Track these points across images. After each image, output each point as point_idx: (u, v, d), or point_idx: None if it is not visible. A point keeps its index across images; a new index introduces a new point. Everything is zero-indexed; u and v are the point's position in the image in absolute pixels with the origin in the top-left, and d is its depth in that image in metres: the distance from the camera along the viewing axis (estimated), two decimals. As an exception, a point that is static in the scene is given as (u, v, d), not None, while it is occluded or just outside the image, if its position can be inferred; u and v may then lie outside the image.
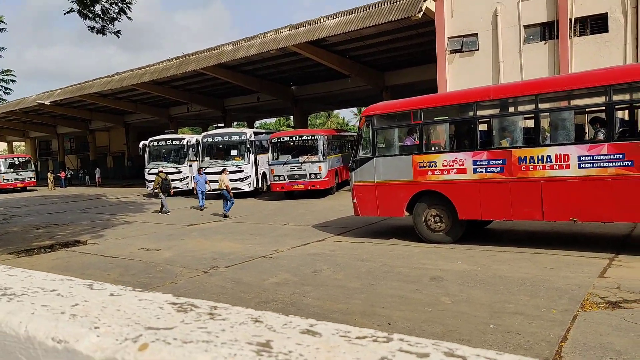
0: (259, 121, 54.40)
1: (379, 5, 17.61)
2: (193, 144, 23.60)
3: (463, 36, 15.00)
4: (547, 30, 13.88)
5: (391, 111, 9.55)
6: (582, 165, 7.18)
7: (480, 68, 14.68)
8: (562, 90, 7.65)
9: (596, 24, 13.15)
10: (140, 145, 24.52)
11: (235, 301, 6.20)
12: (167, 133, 26.58)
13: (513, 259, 7.46)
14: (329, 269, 7.66)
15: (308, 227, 12.10)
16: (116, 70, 36.69)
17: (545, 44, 13.82)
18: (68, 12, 13.24)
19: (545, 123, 7.82)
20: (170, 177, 23.39)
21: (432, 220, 9.00)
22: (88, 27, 13.65)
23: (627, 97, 7.64)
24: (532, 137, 7.82)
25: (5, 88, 10.29)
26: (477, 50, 14.81)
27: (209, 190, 17.54)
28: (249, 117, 44.29)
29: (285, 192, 19.54)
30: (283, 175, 18.92)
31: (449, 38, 15.26)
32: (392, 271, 7.26)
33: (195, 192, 17.39)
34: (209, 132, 22.59)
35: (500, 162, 7.99)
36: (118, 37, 14.41)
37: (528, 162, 7.68)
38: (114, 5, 13.74)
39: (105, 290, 1.01)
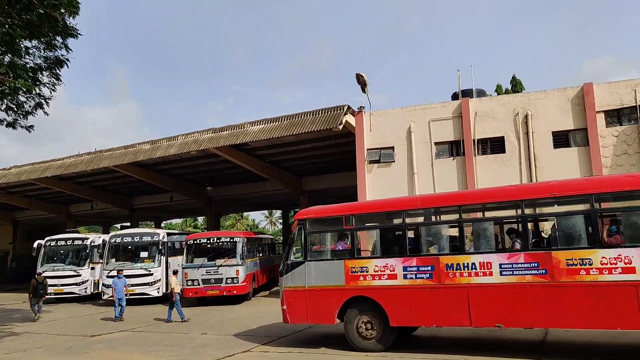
0: (165, 221, 52.51)
1: (303, 116, 18.79)
2: (98, 245, 21.91)
3: (381, 148, 16.34)
4: (454, 148, 15.65)
5: (324, 216, 9.80)
6: (503, 273, 7.77)
7: (397, 178, 15.88)
8: (482, 203, 8.48)
9: (495, 145, 15.15)
10: (35, 244, 22.18)
11: None
12: (68, 232, 24.55)
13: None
14: (261, 383, 7.16)
15: (229, 336, 11.38)
16: (7, 160, 34.13)
17: (453, 159, 15.48)
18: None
19: (468, 232, 8.48)
20: (67, 280, 21.33)
21: (364, 327, 8.93)
22: None
23: (536, 211, 8.63)
24: (457, 245, 8.39)
25: None
26: (394, 162, 16.12)
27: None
28: (157, 217, 42.64)
29: (197, 298, 18.45)
30: (197, 280, 17.98)
31: (368, 149, 16.51)
32: (329, 383, 6.96)
33: (112, 297, 15.32)
34: (117, 232, 21.28)
35: (429, 268, 8.37)
36: (29, 132, 13.69)
37: (455, 268, 8.14)
38: (30, 100, 13.24)
39: None
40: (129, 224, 33.59)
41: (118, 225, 37.94)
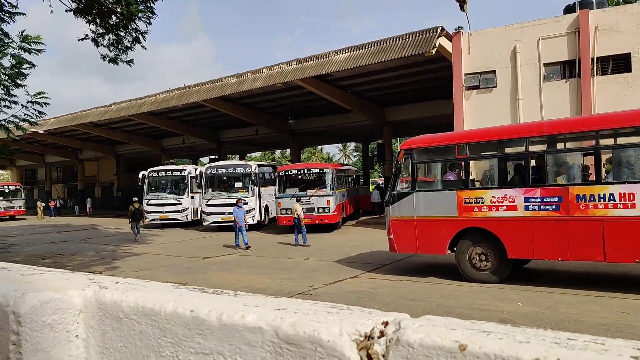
0: (249, 155, 54.11)
1: (392, 40, 17.69)
2: (195, 176, 22.99)
3: (480, 73, 15.04)
4: (567, 69, 13.99)
5: (433, 145, 9.26)
6: (647, 204, 6.91)
7: (498, 105, 14.66)
8: (625, 127, 7.45)
9: (619, 63, 13.30)
10: (140, 175, 23.77)
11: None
12: (167, 164, 25.95)
13: (577, 302, 7.05)
14: (381, 308, 7.04)
15: (331, 262, 11.57)
16: (98, 99, 36.10)
17: (566, 82, 13.89)
18: (82, 39, 12.80)
19: (605, 160, 7.60)
20: (170, 208, 22.80)
21: (477, 258, 8.59)
22: (101, 55, 13.20)
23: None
24: (590, 175, 7.57)
25: (39, 111, 9.64)
26: (495, 87, 14.83)
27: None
28: (242, 150, 43.93)
29: (290, 225, 18.94)
30: (290, 209, 18.35)
31: (466, 74, 15.27)
32: (451, 312, 6.76)
33: (238, 228, 14.83)
34: (212, 164, 22.08)
35: (556, 199, 7.68)
36: (130, 66, 13.97)
37: (588, 199, 7.39)
38: (128, 35, 13.39)
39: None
40: (216, 156, 34.94)
41: (206, 159, 39.54)
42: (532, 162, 8.14)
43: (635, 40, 12.92)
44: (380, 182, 38.74)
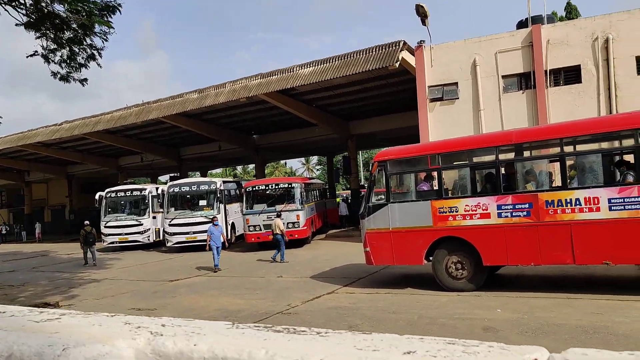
0: (210, 171, 53.32)
1: (356, 55, 18.00)
2: (156, 195, 22.41)
3: (443, 85, 15.52)
4: (524, 81, 14.66)
5: (406, 156, 9.45)
6: (613, 208, 7.28)
7: (461, 116, 15.14)
8: (586, 134, 7.86)
9: (570, 75, 14.05)
10: (97, 196, 22.93)
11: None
12: (125, 183, 25.20)
13: (552, 305, 7.30)
14: (364, 323, 7.13)
15: (305, 278, 11.49)
16: (46, 118, 34.70)
17: (523, 93, 14.56)
18: (31, 56, 12.34)
19: (569, 166, 7.97)
20: (130, 229, 22.07)
21: (454, 267, 8.76)
22: (52, 72, 12.75)
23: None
24: (557, 181, 7.91)
25: None
26: (458, 98, 15.33)
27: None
28: (203, 166, 43.24)
29: (258, 243, 18.74)
30: (259, 225, 18.18)
31: (430, 87, 15.72)
32: (434, 323, 6.86)
33: (207, 248, 14.31)
34: (174, 182, 21.64)
35: (527, 205, 7.98)
36: (83, 85, 13.54)
37: (556, 205, 7.71)
38: (82, 51, 13.01)
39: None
40: (177, 174, 34.22)
41: (166, 177, 38.71)
42: (503, 170, 8.44)
43: (584, 53, 13.75)
44: (345, 195, 39.05)
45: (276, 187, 19.28)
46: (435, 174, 9.10)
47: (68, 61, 13.11)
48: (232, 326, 1.16)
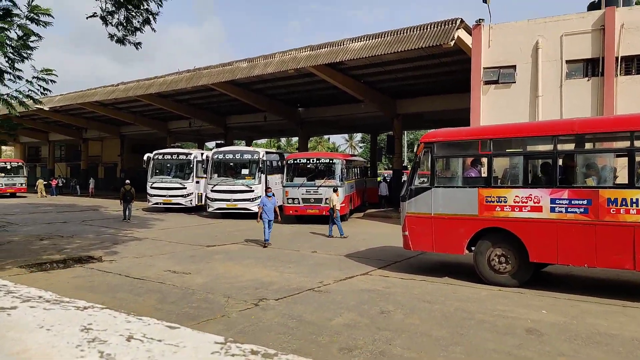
0: (255, 141, 53.72)
1: (409, 31, 17.14)
2: (201, 160, 22.60)
3: (500, 67, 14.50)
4: (590, 67, 13.45)
5: (455, 139, 8.84)
6: (686, 212, 6.47)
7: (516, 101, 14.16)
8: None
9: (645, 63, 12.81)
10: (145, 157, 23.39)
11: (311, 346, 5.25)
12: (172, 147, 25.58)
13: (604, 312, 6.65)
14: (396, 310, 6.75)
15: (340, 256, 11.20)
16: (105, 79, 35.58)
17: (588, 80, 13.37)
18: (90, 17, 12.30)
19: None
20: (174, 192, 22.43)
21: (497, 260, 8.19)
22: (109, 34, 12.70)
23: None
24: (624, 178, 7.12)
25: (44, 88, 9.17)
26: (514, 82, 14.31)
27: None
28: (248, 136, 43.64)
29: (296, 216, 18.58)
30: (297, 198, 18.00)
31: (485, 68, 14.75)
32: (472, 318, 6.38)
33: (258, 220, 12.92)
34: (219, 149, 21.72)
35: (585, 202, 7.25)
36: (137, 49, 13.48)
37: (619, 204, 6.95)
38: (139, 15, 12.90)
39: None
40: (223, 141, 34.56)
41: (212, 143, 39.15)
42: (560, 162, 7.71)
43: (665, 39, 12.42)
44: (386, 175, 38.32)
45: (317, 161, 18.91)
46: (485, 160, 8.44)
47: (125, 23, 13.09)
48: (221, 350, 0.88)
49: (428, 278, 8.84)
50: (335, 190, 15.41)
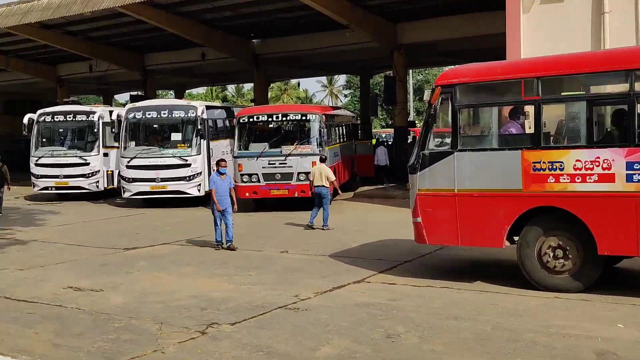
0: (188, 91, 53.55)
1: None
2: (110, 122, 22.27)
3: (549, -29, 14.65)
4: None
5: (486, 79, 8.89)
6: None
7: (573, 21, 14.25)
8: None
9: None
10: (25, 120, 22.98)
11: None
12: (66, 103, 25.19)
13: None
14: (409, 332, 6.81)
15: (322, 257, 11.41)
16: None
17: (675, -9, 13.56)
18: None
19: None
20: (71, 170, 22.10)
21: (551, 254, 8.31)
22: None
23: None
24: None
25: None
26: (571, -6, 14.49)
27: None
28: (180, 83, 43.70)
29: (255, 199, 18.56)
30: (256, 174, 17.92)
31: (528, -24, 14.84)
32: (519, 339, 6.49)
33: (216, 209, 12.40)
34: (136, 105, 21.65)
35: (677, 167, 7.40)
36: None
37: None
38: None
39: None
40: (141, 92, 34.13)
41: (126, 96, 38.82)
42: (640, 109, 7.81)
43: None
44: (385, 135, 38.60)
45: (284, 118, 18.88)
46: (530, 109, 8.50)
47: None
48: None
49: (452, 284, 8.99)
50: (323, 160, 15.53)
